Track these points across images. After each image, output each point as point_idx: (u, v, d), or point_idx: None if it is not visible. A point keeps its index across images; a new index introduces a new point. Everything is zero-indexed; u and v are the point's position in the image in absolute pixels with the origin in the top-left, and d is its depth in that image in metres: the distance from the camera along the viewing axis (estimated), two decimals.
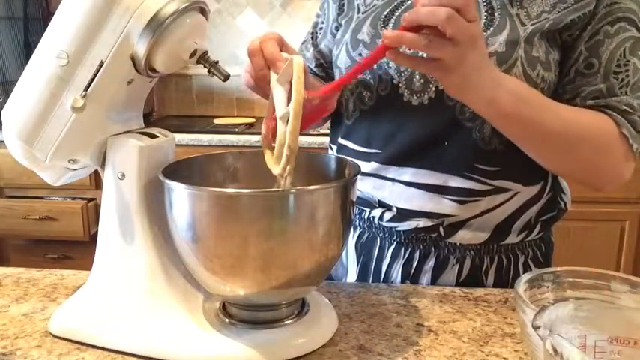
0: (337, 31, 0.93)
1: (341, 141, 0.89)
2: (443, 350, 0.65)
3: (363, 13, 0.85)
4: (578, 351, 0.40)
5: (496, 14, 0.76)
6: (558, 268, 0.62)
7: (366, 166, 0.84)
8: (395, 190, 0.83)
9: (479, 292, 0.80)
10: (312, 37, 0.99)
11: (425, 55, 0.63)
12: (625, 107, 0.75)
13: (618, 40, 0.75)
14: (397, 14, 0.82)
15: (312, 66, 0.98)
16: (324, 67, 0.97)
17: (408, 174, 0.81)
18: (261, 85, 0.71)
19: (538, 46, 0.75)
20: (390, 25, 0.81)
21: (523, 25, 0.75)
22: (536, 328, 0.45)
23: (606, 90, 0.75)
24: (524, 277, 0.59)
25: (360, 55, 0.83)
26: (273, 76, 0.68)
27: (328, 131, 0.98)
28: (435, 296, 0.79)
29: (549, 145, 0.74)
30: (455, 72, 0.62)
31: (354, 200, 0.66)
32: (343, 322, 0.71)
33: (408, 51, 0.71)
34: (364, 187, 0.86)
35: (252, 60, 0.70)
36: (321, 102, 0.66)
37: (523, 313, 0.55)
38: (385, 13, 0.83)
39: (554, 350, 0.41)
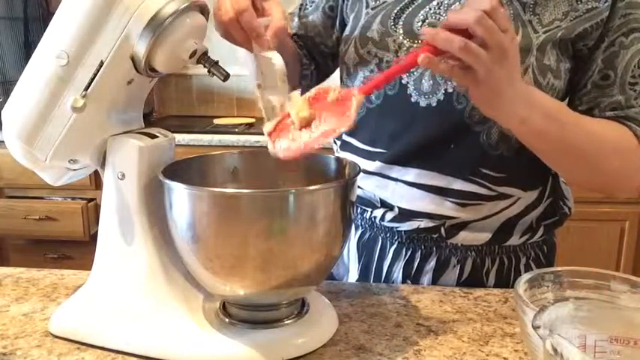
0: (331, 11, 0.92)
1: (345, 137, 0.89)
2: (443, 350, 0.65)
3: (372, 9, 0.84)
4: (578, 351, 0.40)
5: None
6: (558, 268, 0.62)
7: (370, 165, 0.84)
8: (397, 189, 0.83)
9: (479, 292, 0.80)
10: (299, 9, 0.97)
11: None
12: None
13: (633, 50, 0.75)
14: (407, 12, 0.81)
15: (291, 33, 0.96)
16: (303, 39, 0.96)
17: (412, 174, 0.81)
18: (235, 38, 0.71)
19: (550, 54, 0.75)
20: (400, 23, 0.80)
21: (535, 32, 0.75)
22: (536, 328, 0.45)
23: (624, 102, 0.76)
24: (524, 277, 0.59)
25: (368, 52, 0.82)
26: (256, 47, 0.68)
27: None
28: (435, 296, 0.79)
29: (577, 160, 0.75)
30: (485, 84, 0.61)
31: (354, 200, 0.66)
32: (343, 322, 0.71)
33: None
34: (367, 185, 0.86)
35: (234, 34, 0.70)
36: (341, 105, 0.61)
37: (523, 313, 0.55)
38: (395, 11, 0.81)
39: (554, 350, 0.41)
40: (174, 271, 0.67)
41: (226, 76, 0.65)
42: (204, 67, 0.65)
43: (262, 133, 0.64)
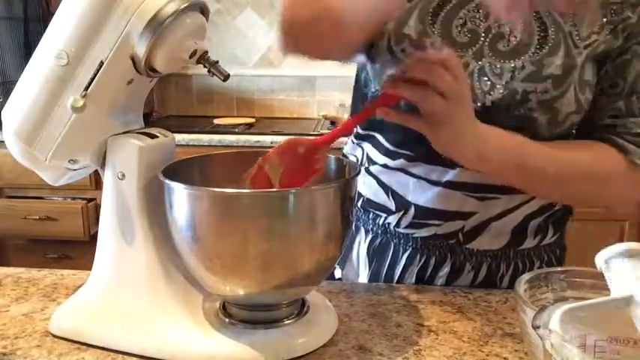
0: None
1: (370, 132, 0.87)
2: (443, 350, 0.65)
3: (409, 2, 0.77)
4: (578, 351, 0.40)
5: (549, 31, 0.73)
6: (558, 268, 0.62)
7: (392, 163, 0.82)
8: (419, 185, 0.81)
9: (479, 292, 0.80)
10: None
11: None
12: (639, 130, 0.74)
13: None
14: (446, 9, 0.75)
15: None
16: None
17: (436, 172, 0.79)
18: None
19: (588, 69, 0.73)
20: (438, 22, 0.75)
21: (576, 47, 0.72)
22: (536, 328, 0.45)
23: (625, 109, 0.74)
24: (525, 277, 0.59)
25: (402, 50, 0.76)
26: None
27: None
28: (435, 296, 0.78)
29: (548, 186, 0.75)
30: (444, 129, 0.64)
31: (354, 200, 0.66)
32: (343, 322, 0.71)
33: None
34: (387, 179, 0.84)
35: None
36: (310, 157, 0.66)
37: (523, 313, 0.55)
38: (433, 6, 0.76)
39: (555, 350, 0.41)
40: (174, 271, 0.67)
41: (226, 76, 0.65)
42: (204, 67, 0.65)
43: (262, 133, 0.65)
